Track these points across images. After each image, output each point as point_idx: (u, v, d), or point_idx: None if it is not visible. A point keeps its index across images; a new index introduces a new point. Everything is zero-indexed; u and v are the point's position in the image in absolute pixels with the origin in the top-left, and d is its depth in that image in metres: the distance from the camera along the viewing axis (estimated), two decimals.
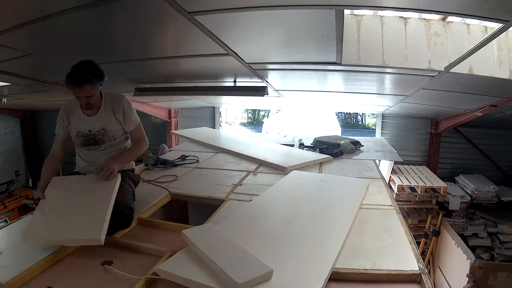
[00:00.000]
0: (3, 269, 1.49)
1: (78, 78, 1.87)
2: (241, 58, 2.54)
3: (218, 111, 6.41)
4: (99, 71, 1.97)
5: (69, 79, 1.87)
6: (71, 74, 1.87)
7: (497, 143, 5.15)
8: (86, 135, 2.09)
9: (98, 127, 2.08)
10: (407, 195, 4.47)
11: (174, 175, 2.86)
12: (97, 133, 2.08)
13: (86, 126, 2.08)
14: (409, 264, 1.52)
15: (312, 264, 1.47)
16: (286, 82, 3.65)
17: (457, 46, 2.17)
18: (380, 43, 2.28)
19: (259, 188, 2.52)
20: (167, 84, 3.89)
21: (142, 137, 2.21)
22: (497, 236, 4.36)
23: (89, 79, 1.89)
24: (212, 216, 2.05)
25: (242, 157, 3.48)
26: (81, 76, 1.87)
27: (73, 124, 2.09)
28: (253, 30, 2.04)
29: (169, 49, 2.61)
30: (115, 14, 1.82)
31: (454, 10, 1.71)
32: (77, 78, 1.87)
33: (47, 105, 5.95)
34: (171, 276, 1.39)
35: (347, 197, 2.29)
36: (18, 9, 1.69)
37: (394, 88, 3.43)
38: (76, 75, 1.87)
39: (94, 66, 1.95)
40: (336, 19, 1.74)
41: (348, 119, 14.70)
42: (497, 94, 3.00)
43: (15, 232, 1.93)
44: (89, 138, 2.09)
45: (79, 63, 1.91)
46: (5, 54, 2.45)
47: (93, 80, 1.91)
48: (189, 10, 1.66)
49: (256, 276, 1.31)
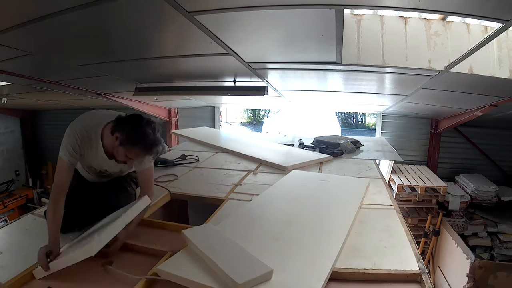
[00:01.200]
0: (3, 269, 1.49)
1: (154, 150, 1.63)
2: (241, 58, 2.53)
3: (218, 111, 6.41)
4: None
5: (150, 149, 1.62)
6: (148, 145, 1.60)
7: (497, 143, 5.14)
8: (99, 172, 1.92)
9: (115, 169, 1.94)
10: (407, 194, 4.47)
11: (174, 175, 2.86)
12: (112, 173, 1.97)
13: (103, 166, 1.87)
14: (409, 264, 1.52)
15: (312, 264, 1.47)
16: (286, 81, 3.65)
17: (457, 46, 2.16)
18: (380, 42, 2.28)
19: (259, 188, 2.52)
20: (167, 84, 3.88)
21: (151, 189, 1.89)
22: (497, 235, 4.36)
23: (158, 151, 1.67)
24: (212, 216, 2.05)
25: (242, 157, 3.48)
26: (156, 148, 1.63)
27: (88, 158, 1.78)
28: (253, 30, 2.04)
29: (169, 48, 2.61)
30: (115, 14, 1.81)
31: (454, 9, 1.71)
32: (154, 151, 1.63)
33: (47, 105, 5.96)
34: (171, 276, 1.39)
35: (347, 196, 2.28)
36: (18, 8, 1.69)
37: (394, 87, 3.43)
38: (154, 147, 1.62)
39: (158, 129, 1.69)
40: (336, 18, 1.74)
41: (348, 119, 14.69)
42: (497, 94, 3.00)
43: (15, 232, 1.93)
44: (102, 174, 1.94)
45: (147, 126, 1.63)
46: (5, 54, 2.45)
47: None
48: (189, 10, 1.66)
49: (256, 276, 1.31)
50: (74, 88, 4.01)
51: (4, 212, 5.77)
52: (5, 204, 5.81)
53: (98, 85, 4.03)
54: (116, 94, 4.63)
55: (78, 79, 3.51)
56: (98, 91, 4.35)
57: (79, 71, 2.97)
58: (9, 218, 5.52)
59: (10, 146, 6.93)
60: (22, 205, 6.18)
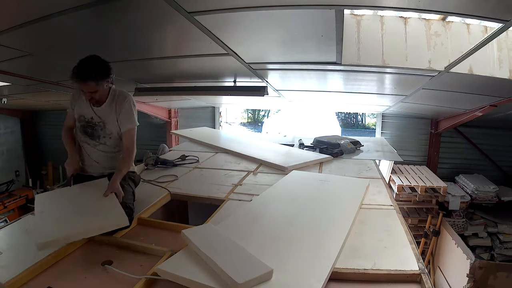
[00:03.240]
0: (3, 269, 1.49)
1: (81, 74, 1.86)
2: (241, 58, 2.54)
3: (218, 111, 6.41)
4: (106, 68, 1.96)
5: (73, 74, 1.87)
6: (76, 68, 1.86)
7: (497, 143, 5.14)
8: (86, 121, 2.11)
9: (98, 118, 2.09)
10: (407, 195, 4.47)
11: (174, 175, 2.86)
12: (96, 123, 2.10)
13: (89, 113, 2.09)
14: (409, 264, 1.52)
15: (312, 264, 1.47)
16: (286, 82, 3.65)
17: (457, 46, 2.17)
18: (380, 43, 2.28)
19: (259, 188, 2.52)
20: (167, 84, 3.89)
21: (132, 147, 2.11)
22: (497, 236, 4.36)
23: (92, 76, 1.88)
24: (212, 216, 2.05)
25: (242, 157, 3.48)
26: (85, 72, 1.86)
27: (78, 106, 2.12)
28: (253, 30, 2.04)
29: (169, 49, 2.61)
30: (115, 14, 1.82)
31: (454, 10, 1.71)
32: (81, 74, 1.86)
33: (47, 105, 5.96)
34: (171, 276, 1.39)
35: (347, 197, 2.29)
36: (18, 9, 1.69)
37: (394, 88, 3.43)
38: (80, 71, 1.86)
39: (101, 62, 1.94)
40: (336, 19, 1.74)
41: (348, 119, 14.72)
42: (497, 94, 3.00)
43: (15, 232, 1.93)
44: (88, 125, 2.10)
45: (86, 58, 1.89)
46: (5, 54, 2.45)
47: (97, 77, 1.90)
48: (189, 10, 1.67)
49: (256, 276, 1.31)
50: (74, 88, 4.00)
51: (4, 212, 5.76)
52: (5, 205, 5.80)
53: None
54: None
55: None
56: None
57: None
58: (9, 218, 5.51)
59: (10, 146, 6.93)
60: (22, 205, 6.17)
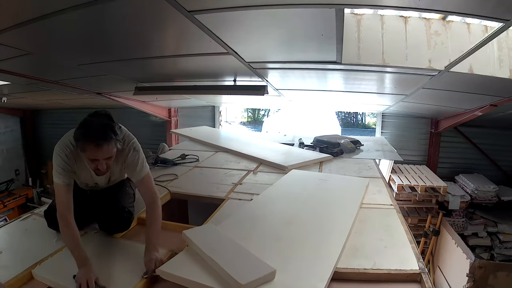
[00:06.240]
0: (3, 269, 1.49)
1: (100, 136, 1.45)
2: (241, 57, 2.53)
3: (218, 110, 6.41)
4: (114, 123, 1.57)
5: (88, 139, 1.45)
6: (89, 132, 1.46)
7: (497, 143, 5.14)
8: (90, 186, 1.91)
9: (105, 180, 1.88)
10: (407, 194, 4.47)
11: (174, 174, 2.86)
12: (103, 185, 1.92)
13: (92, 181, 1.84)
14: (409, 264, 1.52)
15: (314, 263, 1.47)
16: (286, 81, 3.64)
17: (457, 46, 2.16)
18: (380, 42, 2.27)
19: (259, 187, 2.52)
20: (167, 83, 3.88)
21: (155, 195, 1.75)
22: (497, 235, 4.36)
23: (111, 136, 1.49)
24: (212, 216, 2.05)
25: (242, 156, 3.48)
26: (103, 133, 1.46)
27: (79, 174, 1.75)
28: (253, 29, 2.04)
29: (169, 48, 2.60)
30: (115, 13, 1.81)
31: (454, 9, 1.70)
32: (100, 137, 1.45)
33: (48, 104, 5.96)
34: (172, 276, 1.39)
35: (347, 196, 2.28)
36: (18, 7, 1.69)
37: (394, 87, 3.43)
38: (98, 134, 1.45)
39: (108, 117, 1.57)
40: (336, 18, 1.73)
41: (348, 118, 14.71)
42: (497, 94, 3.00)
43: (15, 231, 1.93)
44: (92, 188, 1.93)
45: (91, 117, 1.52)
46: (5, 53, 2.44)
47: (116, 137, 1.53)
48: (189, 9, 1.66)
49: (259, 276, 1.31)
50: (74, 88, 4.01)
51: (4, 211, 5.77)
52: (5, 204, 5.81)
53: (98, 85, 4.03)
54: (116, 93, 4.62)
55: (78, 78, 3.51)
56: (98, 90, 4.34)
57: (79, 70, 2.97)
58: (9, 217, 5.51)
59: (10, 145, 6.93)
60: (22, 204, 6.18)
